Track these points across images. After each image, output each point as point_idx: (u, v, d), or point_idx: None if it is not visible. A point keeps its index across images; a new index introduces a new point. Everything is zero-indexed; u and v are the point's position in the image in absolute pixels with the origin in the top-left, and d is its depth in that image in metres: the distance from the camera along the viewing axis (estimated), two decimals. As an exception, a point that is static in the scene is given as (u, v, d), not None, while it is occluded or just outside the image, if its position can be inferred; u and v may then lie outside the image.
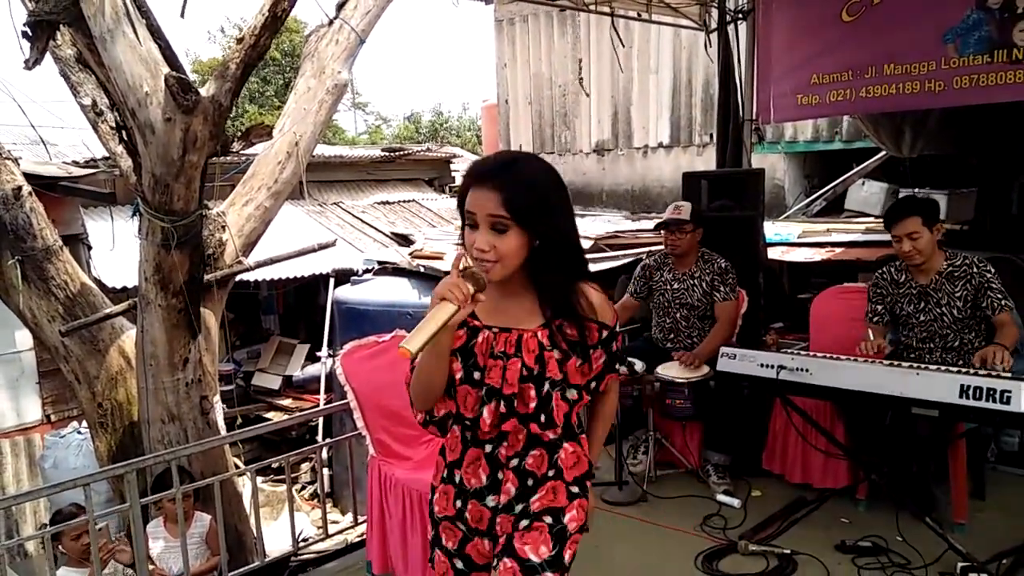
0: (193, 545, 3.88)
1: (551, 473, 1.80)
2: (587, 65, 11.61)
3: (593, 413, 2.00)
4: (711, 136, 9.43)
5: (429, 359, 1.72)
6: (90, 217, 8.25)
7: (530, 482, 1.79)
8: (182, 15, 3.59)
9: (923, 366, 3.20)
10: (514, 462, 1.80)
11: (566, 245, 1.75)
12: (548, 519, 1.78)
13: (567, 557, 1.79)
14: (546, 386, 1.74)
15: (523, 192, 1.67)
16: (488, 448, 1.81)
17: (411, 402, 1.84)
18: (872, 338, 3.45)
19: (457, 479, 1.85)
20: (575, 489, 1.83)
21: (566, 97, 12.10)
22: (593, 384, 1.84)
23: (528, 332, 1.75)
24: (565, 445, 1.82)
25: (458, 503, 1.85)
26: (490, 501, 1.81)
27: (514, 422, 1.76)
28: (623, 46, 9.09)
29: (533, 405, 1.74)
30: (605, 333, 1.80)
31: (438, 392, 1.79)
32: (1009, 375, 2.95)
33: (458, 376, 1.77)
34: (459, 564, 1.87)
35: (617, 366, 1.92)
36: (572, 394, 1.79)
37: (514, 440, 1.79)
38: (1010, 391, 2.82)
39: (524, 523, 1.78)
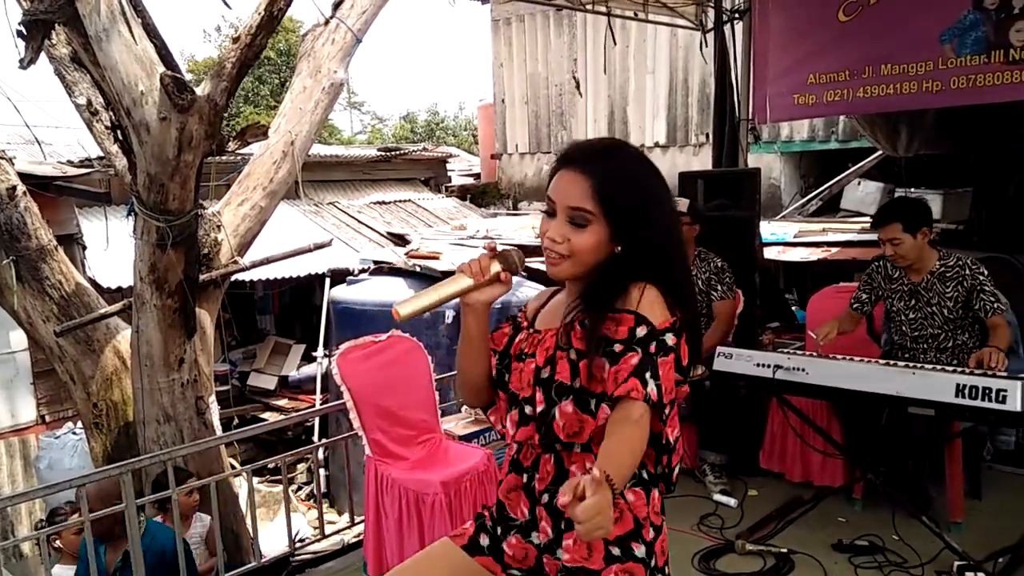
0: (193, 545, 3.87)
1: None
2: (583, 65, 11.61)
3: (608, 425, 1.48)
4: (707, 136, 9.43)
5: (461, 343, 1.62)
6: (85, 217, 8.23)
7: (563, 525, 1.53)
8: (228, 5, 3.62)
9: (919, 365, 3.20)
10: (545, 498, 1.56)
11: (653, 258, 1.49)
12: None
13: None
14: (552, 391, 1.49)
15: (619, 186, 1.47)
16: (525, 478, 1.60)
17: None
18: (823, 328, 3.58)
19: (502, 506, 1.66)
20: (615, 551, 1.49)
21: (562, 96, 12.10)
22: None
23: (552, 331, 1.54)
24: None
25: (498, 529, 1.66)
26: (535, 538, 1.60)
27: (529, 431, 1.55)
28: (615, 44, 9.10)
29: (540, 411, 1.50)
30: (643, 329, 1.42)
31: (476, 384, 1.65)
32: (1005, 374, 2.96)
33: (493, 375, 1.64)
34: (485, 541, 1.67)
35: (650, 381, 1.39)
36: (594, 406, 1.46)
37: (544, 471, 1.55)
38: (1006, 390, 2.82)
39: None
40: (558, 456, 1.52)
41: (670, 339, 1.44)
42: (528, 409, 1.53)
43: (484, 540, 1.68)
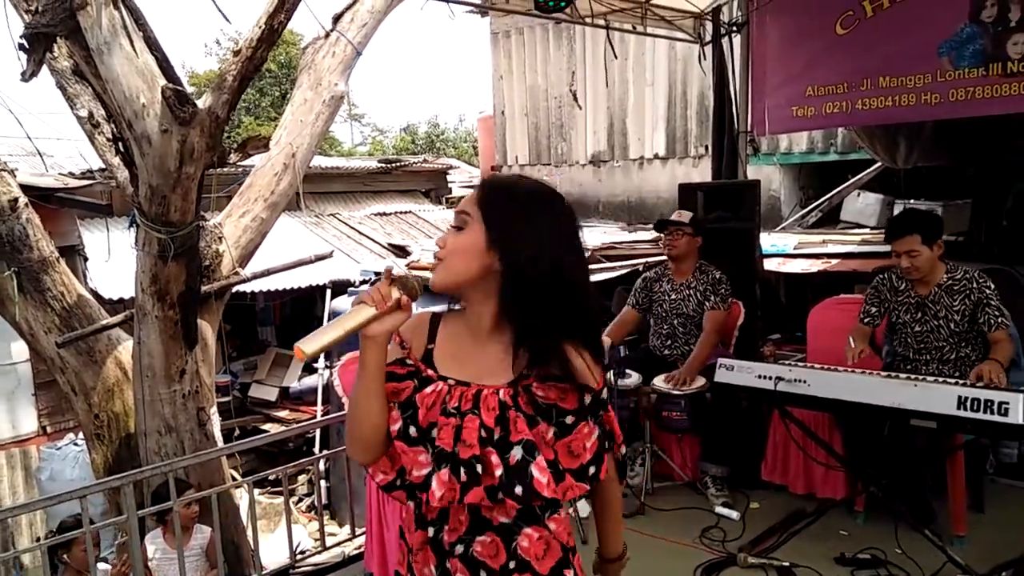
0: (194, 557, 3.86)
1: (512, 565, 1.45)
2: (582, 77, 11.65)
3: (597, 505, 1.71)
4: (706, 148, 9.46)
5: (357, 384, 1.46)
6: (86, 228, 8.25)
7: (483, 573, 1.45)
8: (228, 20, 3.64)
9: (921, 377, 3.20)
10: (459, 548, 1.46)
11: (544, 282, 1.41)
12: None
13: None
14: (518, 451, 1.40)
15: (504, 196, 1.47)
16: (431, 531, 1.49)
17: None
18: (853, 344, 3.50)
19: (411, 567, 1.54)
20: None
21: (562, 109, 12.14)
22: (592, 469, 1.46)
23: (489, 388, 1.44)
24: (526, 530, 1.46)
25: None
26: None
27: (480, 493, 1.41)
28: (615, 58, 9.14)
29: (499, 473, 1.40)
30: (589, 398, 1.46)
31: (372, 440, 1.48)
32: (1007, 387, 2.96)
33: (394, 428, 1.46)
34: None
35: (610, 446, 1.56)
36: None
37: (455, 522, 1.46)
38: (1008, 403, 2.82)
39: None
40: (478, 511, 1.45)
41: (604, 392, 1.52)
42: (479, 467, 1.41)
43: None
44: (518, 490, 1.40)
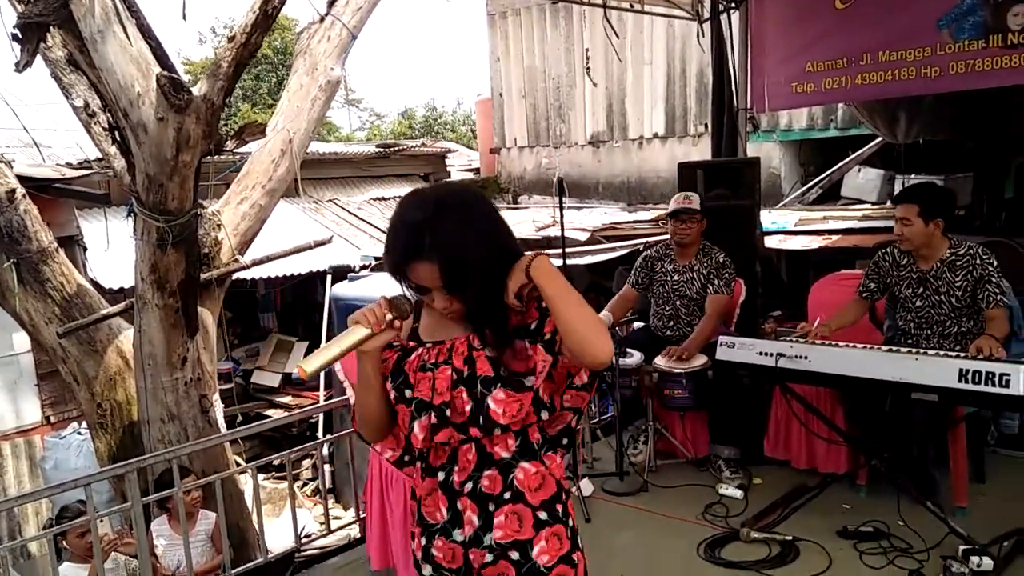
0: (199, 543, 3.89)
1: (507, 496, 1.61)
2: (581, 57, 11.59)
3: None
4: (706, 126, 9.42)
5: (360, 388, 1.68)
6: (85, 218, 8.24)
7: (491, 507, 1.62)
8: (183, 18, 3.61)
9: (922, 351, 3.21)
10: (468, 486, 1.63)
11: (478, 275, 1.57)
12: (515, 555, 1.60)
13: None
14: (480, 387, 1.58)
15: (455, 264, 1.55)
16: (441, 476, 1.66)
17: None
18: (814, 326, 3.63)
19: (421, 516, 1.70)
20: (543, 515, 1.62)
21: (560, 90, 12.09)
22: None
23: (460, 338, 1.63)
24: (523, 464, 1.63)
25: (423, 541, 1.70)
26: (457, 536, 1.65)
27: (449, 432, 1.60)
28: (617, 37, 9.07)
29: (468, 408, 1.58)
30: (532, 323, 1.60)
31: (377, 424, 1.71)
32: (1007, 359, 2.96)
33: (392, 397, 1.67)
34: None
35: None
36: (529, 382, 1.58)
37: (464, 461, 1.63)
38: (1009, 374, 2.83)
39: (489, 558, 1.61)
40: (479, 443, 1.62)
41: (534, 326, 1.61)
42: (448, 412, 1.60)
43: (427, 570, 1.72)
44: (481, 420, 1.57)
